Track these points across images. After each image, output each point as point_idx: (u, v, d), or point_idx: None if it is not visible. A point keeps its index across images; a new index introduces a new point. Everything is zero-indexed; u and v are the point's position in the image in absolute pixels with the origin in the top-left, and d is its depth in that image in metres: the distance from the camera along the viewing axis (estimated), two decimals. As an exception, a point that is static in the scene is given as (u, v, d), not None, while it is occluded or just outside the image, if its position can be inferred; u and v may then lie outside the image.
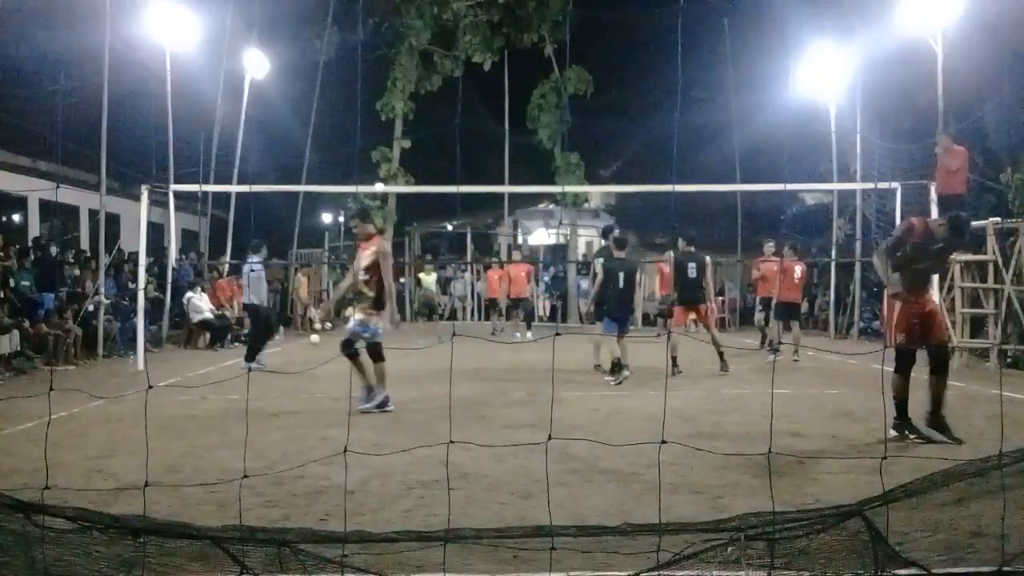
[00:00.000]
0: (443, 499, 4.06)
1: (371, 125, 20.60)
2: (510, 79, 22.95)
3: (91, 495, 4.30)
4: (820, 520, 3.18)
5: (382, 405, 7.47)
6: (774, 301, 12.19)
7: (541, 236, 30.97)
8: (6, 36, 14.09)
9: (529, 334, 15.97)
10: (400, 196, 21.81)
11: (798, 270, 11.96)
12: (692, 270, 10.31)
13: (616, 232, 10.55)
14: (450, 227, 29.61)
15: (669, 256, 14.85)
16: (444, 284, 23.48)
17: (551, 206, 28.78)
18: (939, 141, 11.45)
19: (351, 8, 19.80)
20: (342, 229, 26.12)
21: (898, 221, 11.86)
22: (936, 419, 5.83)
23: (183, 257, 18.14)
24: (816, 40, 16.56)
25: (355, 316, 7.51)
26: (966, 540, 3.53)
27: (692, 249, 10.61)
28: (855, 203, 16.73)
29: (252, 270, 11.53)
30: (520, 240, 31.31)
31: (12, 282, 12.08)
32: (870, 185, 14.62)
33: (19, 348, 11.00)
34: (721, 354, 10.25)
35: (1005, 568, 3.13)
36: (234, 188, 16.95)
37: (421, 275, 18.45)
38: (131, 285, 14.06)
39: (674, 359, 10.24)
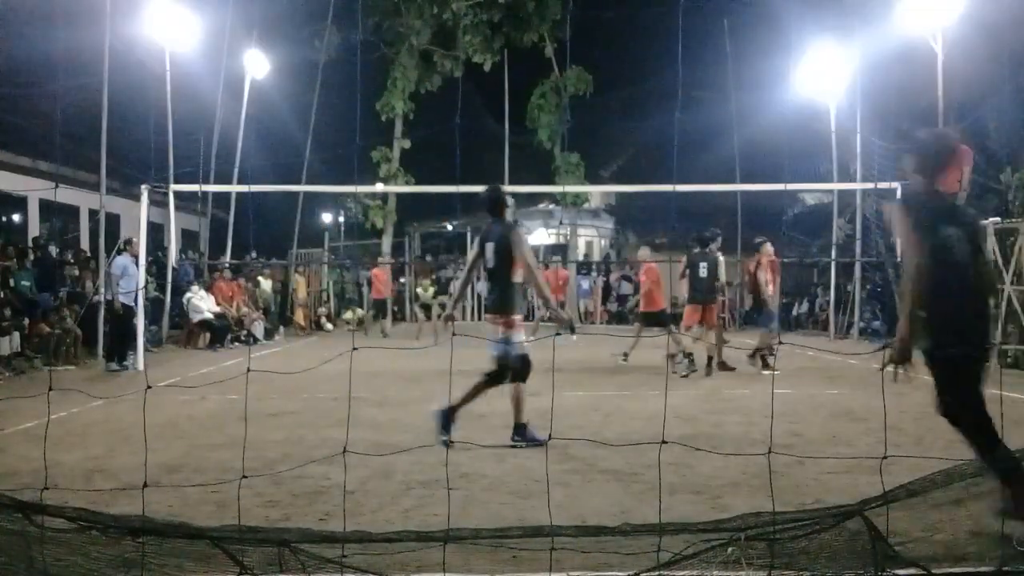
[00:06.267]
0: (443, 499, 4.05)
1: (371, 125, 20.61)
2: (510, 79, 22.95)
3: (91, 495, 4.30)
4: (820, 520, 3.18)
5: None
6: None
7: (541, 236, 30.97)
8: (6, 36, 14.09)
9: (574, 337, 15.05)
10: (400, 196, 21.82)
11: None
12: (703, 270, 10.48)
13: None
14: (450, 227, 29.61)
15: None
16: (444, 284, 23.49)
17: (551, 206, 28.77)
18: None
19: (351, 8, 19.80)
20: (342, 229, 26.14)
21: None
22: None
23: (183, 257, 18.15)
24: (816, 40, 16.55)
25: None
26: (966, 540, 3.53)
27: (707, 250, 10.68)
28: (855, 203, 16.73)
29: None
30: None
31: (12, 282, 12.07)
32: (870, 185, 14.62)
33: (19, 348, 11.01)
34: (710, 359, 10.39)
35: (1005, 568, 3.13)
36: (234, 188, 16.95)
37: (419, 291, 18.51)
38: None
39: (690, 356, 10.42)
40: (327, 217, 28.38)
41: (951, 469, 3.27)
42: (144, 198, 11.71)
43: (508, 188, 22.69)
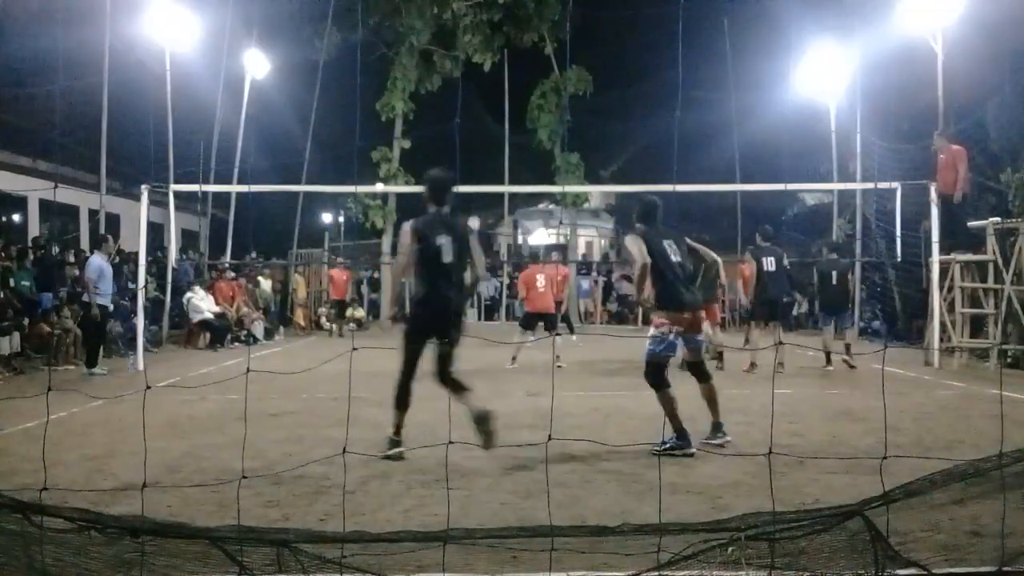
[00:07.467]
0: (443, 499, 4.05)
1: (371, 125, 20.59)
2: (510, 79, 22.93)
3: (91, 495, 4.30)
4: (820, 520, 3.17)
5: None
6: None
7: (541, 236, 30.97)
8: (6, 36, 14.10)
9: (574, 338, 15.24)
10: (400, 196, 21.81)
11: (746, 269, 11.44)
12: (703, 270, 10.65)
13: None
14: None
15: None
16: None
17: (551, 206, 28.75)
18: (936, 143, 11.52)
19: (351, 8, 19.79)
20: (342, 229, 26.13)
21: (898, 221, 11.85)
22: None
23: (183, 257, 18.14)
24: (816, 40, 16.56)
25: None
26: (966, 540, 3.53)
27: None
28: (855, 203, 16.73)
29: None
30: (520, 240, 31.27)
31: (12, 282, 12.06)
32: (870, 185, 14.62)
33: (19, 348, 10.99)
34: (720, 354, 10.77)
35: (1005, 568, 3.13)
36: (234, 188, 16.95)
37: None
38: (131, 285, 14.05)
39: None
40: (327, 217, 28.37)
41: (951, 469, 3.26)
42: (144, 198, 11.70)
43: (508, 188, 22.64)
